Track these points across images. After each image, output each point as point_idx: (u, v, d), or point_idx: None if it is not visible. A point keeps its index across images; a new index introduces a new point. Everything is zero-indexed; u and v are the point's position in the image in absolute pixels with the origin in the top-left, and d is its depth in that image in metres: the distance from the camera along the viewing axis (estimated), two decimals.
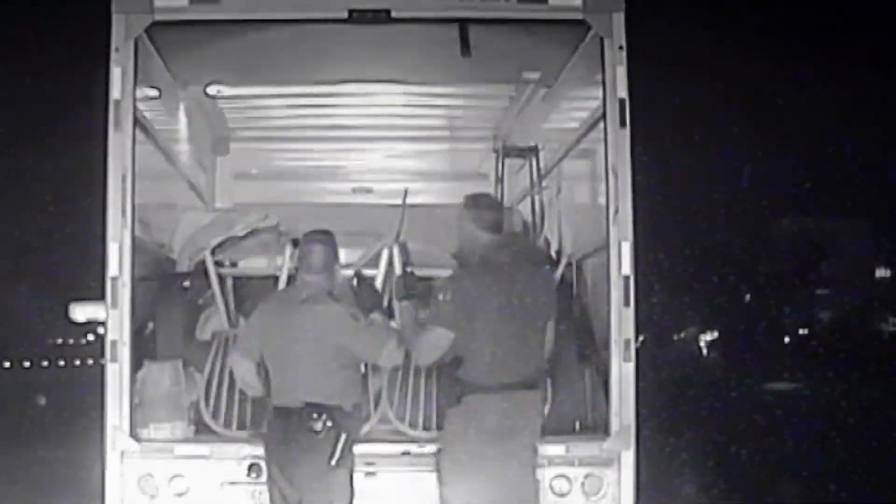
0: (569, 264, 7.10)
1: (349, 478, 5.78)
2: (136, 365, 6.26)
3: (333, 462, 5.64)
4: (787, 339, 30.37)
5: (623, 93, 6.22)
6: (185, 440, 6.34)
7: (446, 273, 7.03)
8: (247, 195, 9.46)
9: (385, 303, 6.55)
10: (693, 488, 11.17)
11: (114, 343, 6.08)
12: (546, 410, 6.13)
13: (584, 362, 6.70)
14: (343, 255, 7.10)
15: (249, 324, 6.16)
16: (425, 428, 6.40)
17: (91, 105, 6.94)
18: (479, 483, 5.64)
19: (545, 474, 6.09)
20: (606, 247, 6.17)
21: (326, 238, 5.99)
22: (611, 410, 6.14)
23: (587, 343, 6.77)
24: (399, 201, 7.55)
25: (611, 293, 6.16)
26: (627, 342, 6.10)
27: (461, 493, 5.69)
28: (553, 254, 7.11)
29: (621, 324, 6.13)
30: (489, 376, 5.67)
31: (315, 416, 5.65)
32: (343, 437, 5.67)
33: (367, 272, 6.74)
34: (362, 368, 6.11)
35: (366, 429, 6.27)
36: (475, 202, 6.03)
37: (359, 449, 5.91)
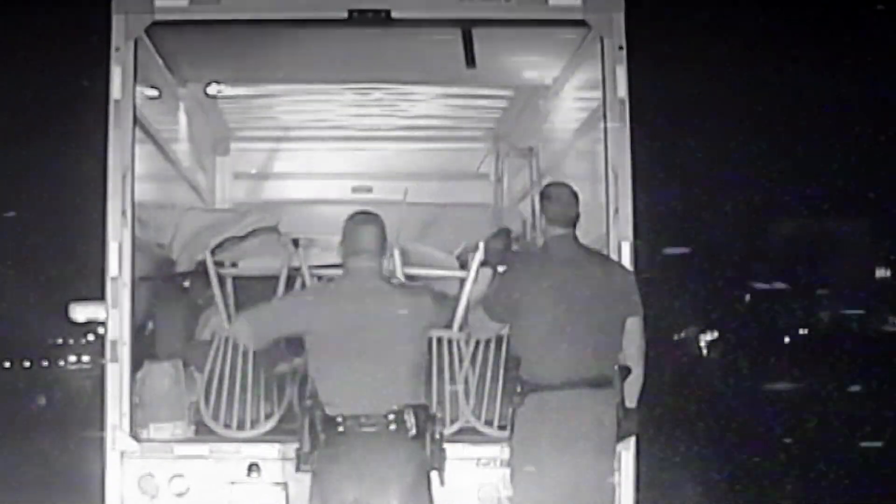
0: None
1: (431, 483, 5.34)
2: (136, 365, 6.26)
3: (436, 466, 5.25)
4: (787, 339, 30.38)
5: (623, 93, 6.22)
6: (185, 440, 6.34)
7: (444, 273, 7.06)
8: (247, 195, 9.46)
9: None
10: (693, 488, 11.17)
11: (114, 343, 6.08)
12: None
13: None
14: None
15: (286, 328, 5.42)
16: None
17: (91, 105, 6.94)
18: (548, 484, 5.49)
19: None
20: (606, 247, 6.17)
21: (375, 218, 5.45)
22: None
23: None
24: (398, 201, 7.56)
25: None
26: None
27: (531, 495, 5.54)
28: None
29: None
30: (550, 374, 5.49)
31: (406, 418, 5.14)
32: (437, 437, 5.25)
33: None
34: None
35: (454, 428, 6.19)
36: (549, 194, 5.83)
37: None
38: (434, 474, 5.32)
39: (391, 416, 5.14)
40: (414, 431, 5.16)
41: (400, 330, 5.26)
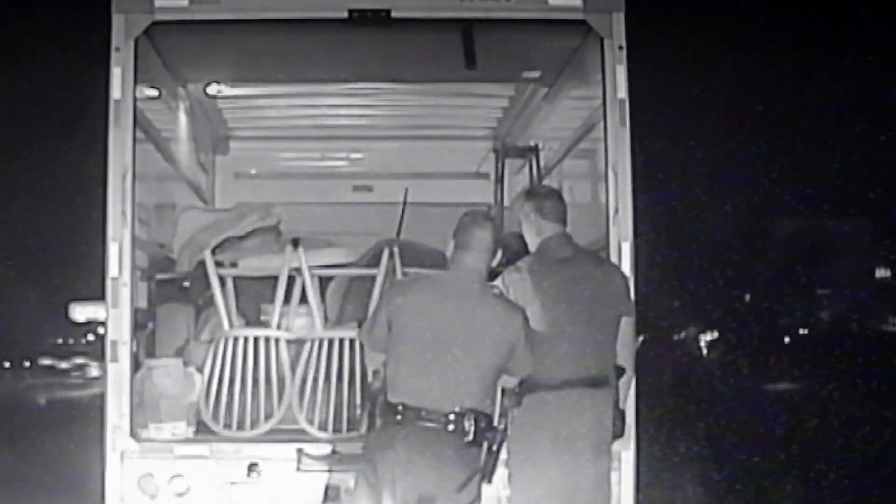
0: None
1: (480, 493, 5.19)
2: (136, 365, 6.27)
3: (488, 477, 5.14)
4: (787, 339, 30.38)
5: (623, 93, 6.22)
6: (185, 440, 6.34)
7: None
8: (247, 195, 9.46)
9: None
10: (693, 488, 11.18)
11: (114, 343, 6.08)
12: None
13: None
14: (342, 255, 7.16)
15: (381, 312, 5.31)
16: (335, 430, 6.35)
17: (91, 105, 6.95)
18: (547, 484, 5.46)
19: None
20: (606, 247, 6.17)
21: (490, 220, 5.37)
22: None
23: None
24: (398, 201, 7.57)
25: None
26: None
27: (530, 495, 5.51)
28: None
29: None
30: (548, 374, 5.43)
31: (466, 422, 5.02)
32: (495, 448, 5.13)
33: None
34: None
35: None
36: (538, 192, 5.78)
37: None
38: None
39: (451, 417, 5.03)
40: (471, 437, 5.05)
41: (485, 336, 5.15)
